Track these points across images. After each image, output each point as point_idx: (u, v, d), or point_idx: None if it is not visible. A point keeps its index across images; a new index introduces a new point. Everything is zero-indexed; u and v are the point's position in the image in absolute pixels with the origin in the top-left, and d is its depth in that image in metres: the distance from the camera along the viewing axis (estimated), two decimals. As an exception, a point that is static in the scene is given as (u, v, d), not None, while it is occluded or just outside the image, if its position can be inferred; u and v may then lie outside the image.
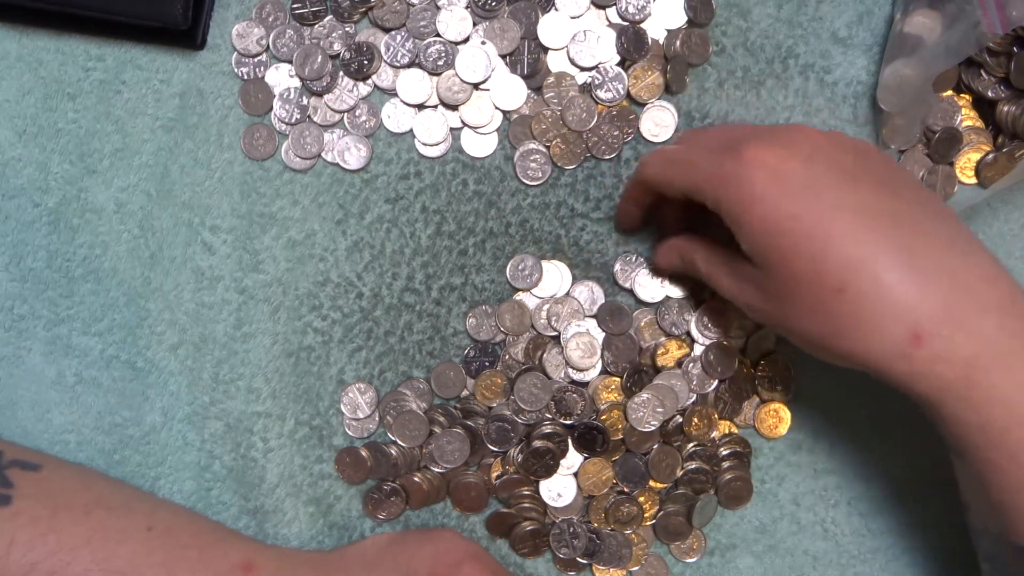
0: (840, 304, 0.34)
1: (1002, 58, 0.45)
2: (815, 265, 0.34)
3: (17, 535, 0.39)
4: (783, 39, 0.48)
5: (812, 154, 0.35)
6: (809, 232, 0.34)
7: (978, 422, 0.34)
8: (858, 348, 0.35)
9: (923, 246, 0.34)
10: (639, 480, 0.46)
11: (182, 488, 0.47)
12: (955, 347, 0.33)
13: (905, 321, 0.33)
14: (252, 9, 0.47)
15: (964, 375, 0.33)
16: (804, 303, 0.35)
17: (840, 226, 0.34)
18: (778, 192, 0.35)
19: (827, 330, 0.35)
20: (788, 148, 0.36)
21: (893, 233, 0.34)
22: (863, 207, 0.34)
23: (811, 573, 0.47)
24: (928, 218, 0.35)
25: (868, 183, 0.35)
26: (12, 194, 0.47)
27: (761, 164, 0.35)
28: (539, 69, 0.47)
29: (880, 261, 0.34)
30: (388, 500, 0.46)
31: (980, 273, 0.34)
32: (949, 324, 0.33)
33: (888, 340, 0.34)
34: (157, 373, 0.47)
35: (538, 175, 0.47)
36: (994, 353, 0.33)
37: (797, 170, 0.35)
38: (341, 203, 0.47)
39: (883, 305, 0.34)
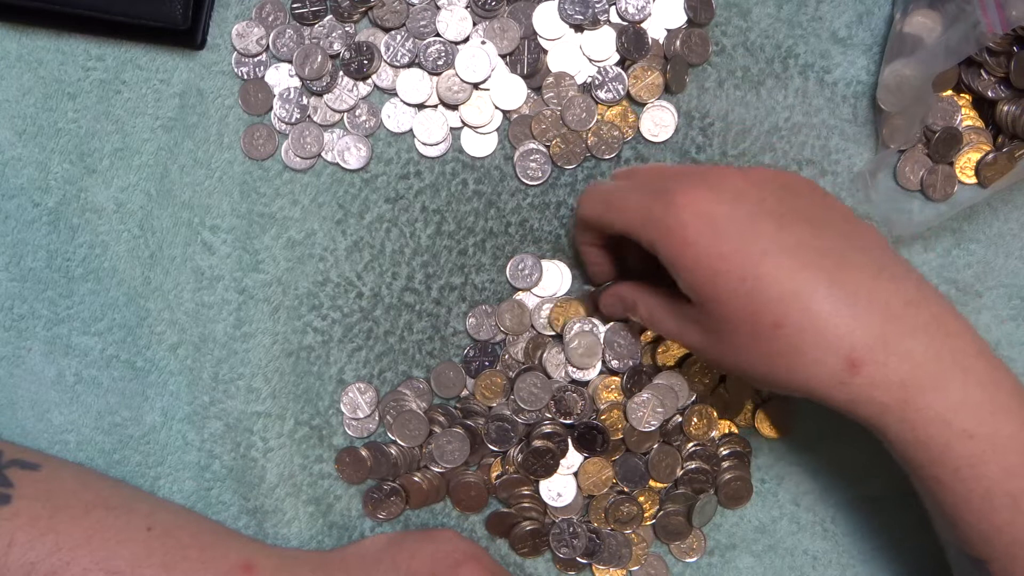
0: (777, 339, 0.35)
1: (1002, 58, 0.45)
2: (750, 303, 0.35)
3: (16, 535, 0.39)
4: (783, 39, 0.48)
5: (739, 196, 0.37)
6: (741, 272, 0.35)
7: (919, 441, 0.35)
8: (798, 379, 0.36)
9: (851, 277, 0.35)
10: (639, 480, 0.46)
11: (182, 488, 0.47)
12: (889, 371, 0.35)
13: (841, 350, 0.35)
14: (252, 9, 0.47)
15: (900, 397, 0.35)
16: (743, 339, 0.36)
17: (770, 264, 0.35)
18: (708, 234, 0.36)
19: (767, 363, 0.36)
20: (715, 191, 0.37)
21: (821, 266, 0.35)
22: (791, 243, 0.36)
23: (811, 573, 0.47)
24: (854, 249, 0.36)
25: (795, 219, 0.36)
26: (12, 194, 0.47)
27: (690, 208, 0.36)
28: (539, 69, 0.47)
29: (812, 295, 0.35)
30: (388, 500, 0.46)
31: (907, 298, 0.36)
32: (882, 350, 0.34)
33: (826, 370, 0.35)
34: (157, 373, 0.47)
35: (538, 175, 0.47)
36: (926, 375, 0.35)
37: (725, 213, 0.36)
38: (341, 203, 0.47)
39: (819, 336, 0.35)
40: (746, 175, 0.38)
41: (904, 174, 0.47)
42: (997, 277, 0.47)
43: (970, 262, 0.47)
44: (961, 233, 0.48)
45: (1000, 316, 0.48)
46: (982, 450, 0.34)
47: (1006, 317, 0.48)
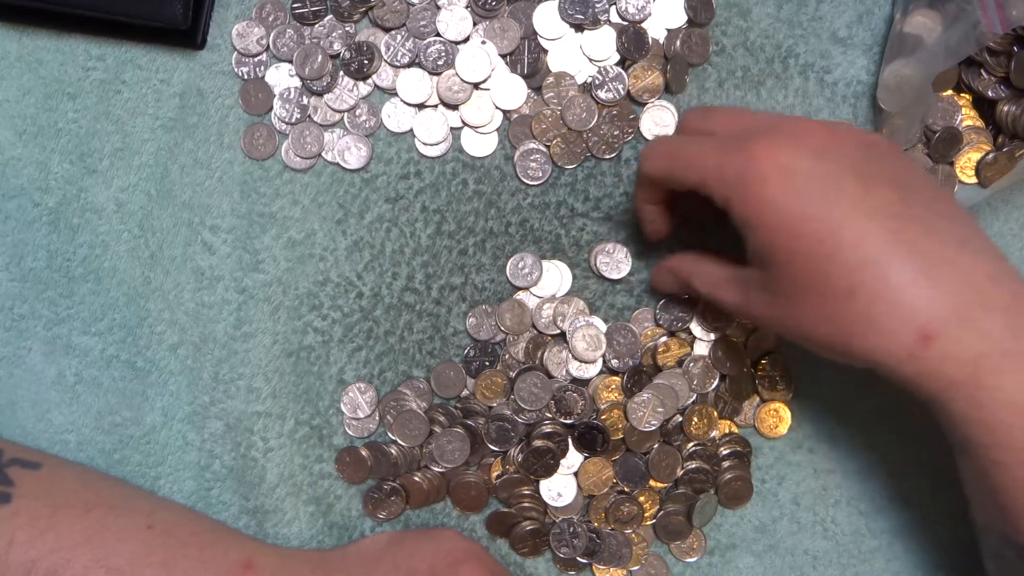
0: (850, 306, 0.34)
1: (1002, 58, 0.45)
2: (825, 267, 0.34)
3: (17, 533, 0.39)
4: (783, 39, 0.48)
5: (822, 152, 0.35)
6: (820, 234, 0.34)
7: (984, 421, 0.34)
8: (868, 349, 0.35)
9: (933, 246, 0.34)
10: (639, 480, 0.46)
11: (182, 488, 0.47)
12: (963, 347, 0.33)
13: (915, 322, 0.33)
14: (252, 9, 0.47)
15: (971, 374, 0.33)
16: (812, 305, 0.35)
17: (851, 228, 0.34)
18: (788, 192, 0.34)
19: (837, 331, 0.35)
20: (798, 146, 0.35)
21: (904, 234, 0.34)
22: (874, 207, 0.34)
23: (811, 573, 0.47)
24: (938, 216, 0.35)
25: (879, 181, 0.35)
26: (12, 194, 0.47)
27: (771, 163, 0.35)
28: (539, 69, 0.47)
29: (891, 263, 0.34)
30: (388, 500, 0.46)
31: (988, 272, 0.34)
32: (957, 325, 0.33)
33: (898, 341, 0.34)
34: (157, 373, 0.47)
35: (538, 175, 0.47)
36: (1001, 353, 0.33)
37: (807, 169, 0.35)
38: (341, 203, 0.47)
39: (893, 307, 0.34)
40: (830, 130, 0.36)
41: (904, 174, 0.47)
42: (997, 277, 0.47)
43: (970, 262, 0.47)
44: (961, 233, 0.48)
45: (1000, 316, 0.47)
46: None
47: (1006, 317, 0.47)
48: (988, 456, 0.34)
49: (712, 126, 0.40)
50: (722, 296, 0.40)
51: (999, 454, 0.34)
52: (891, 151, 0.37)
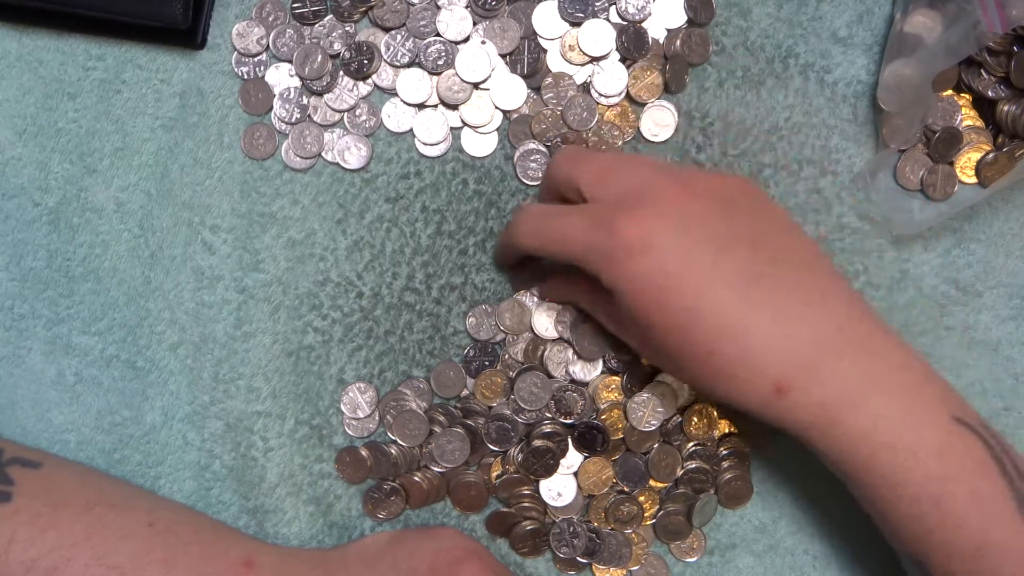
0: (712, 364, 0.37)
1: (1002, 58, 0.45)
2: (686, 333, 0.37)
3: (17, 532, 0.39)
4: (783, 39, 0.48)
5: (680, 222, 0.37)
6: (679, 304, 0.37)
7: (845, 454, 0.37)
8: (731, 397, 0.38)
9: (785, 303, 0.37)
10: (639, 480, 0.46)
11: (182, 487, 0.47)
12: (812, 395, 0.37)
13: (769, 377, 0.37)
14: (252, 9, 0.47)
15: (823, 416, 0.37)
16: (680, 362, 0.38)
17: (708, 297, 0.37)
18: (651, 268, 0.37)
19: (703, 381, 0.38)
20: (659, 220, 0.37)
21: (758, 295, 0.37)
22: (728, 274, 0.37)
23: (811, 573, 0.47)
24: (791, 270, 0.38)
25: (734, 243, 0.37)
26: (12, 194, 0.47)
27: (633, 242, 0.37)
28: (539, 69, 0.47)
29: (745, 325, 0.36)
30: (388, 499, 0.46)
31: (837, 321, 0.37)
32: (807, 376, 0.37)
33: (756, 393, 0.37)
34: (157, 372, 0.47)
35: (538, 175, 0.47)
36: (848, 393, 0.37)
37: (667, 244, 0.37)
38: (341, 203, 0.47)
39: (749, 364, 0.37)
40: (690, 193, 0.38)
41: (904, 174, 0.47)
42: (997, 277, 0.47)
43: (970, 262, 0.47)
44: (961, 233, 0.48)
45: (1000, 316, 0.48)
46: (904, 459, 0.36)
47: (1006, 317, 0.48)
48: (860, 483, 0.38)
49: (577, 184, 0.40)
50: (605, 322, 0.44)
51: (867, 480, 0.38)
52: (750, 199, 0.40)
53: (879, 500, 0.38)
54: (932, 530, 0.37)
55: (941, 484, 0.36)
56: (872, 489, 0.38)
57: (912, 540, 0.38)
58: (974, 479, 0.36)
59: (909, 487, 0.36)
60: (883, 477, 0.37)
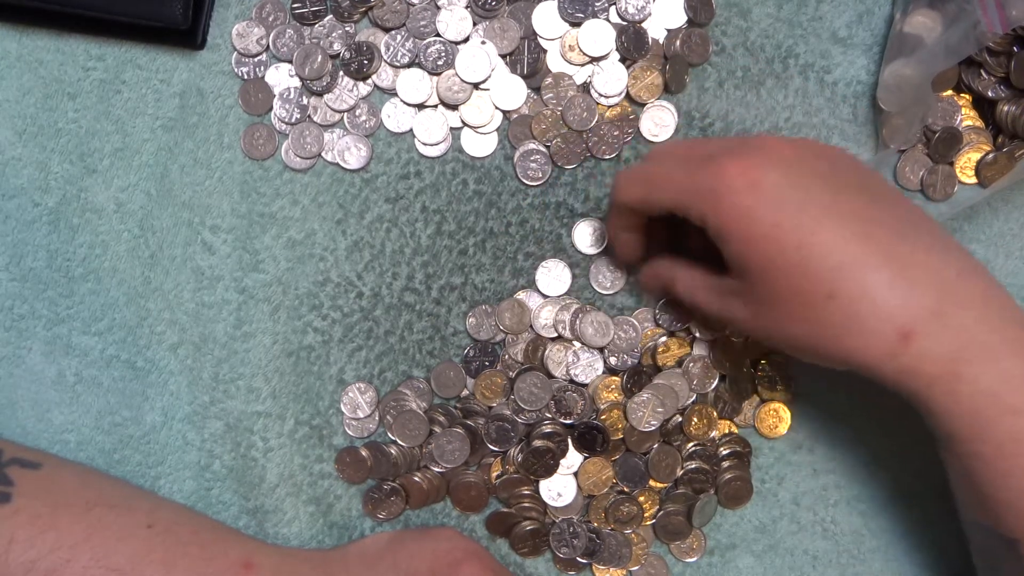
0: (830, 309, 0.35)
1: (1002, 58, 0.45)
2: (802, 273, 0.35)
3: (17, 533, 0.39)
4: (783, 39, 0.48)
5: (789, 162, 0.36)
6: (794, 240, 0.35)
7: (964, 414, 0.35)
8: (850, 350, 0.35)
9: (904, 248, 0.35)
10: (639, 480, 0.46)
11: (182, 488, 0.47)
12: (941, 343, 0.34)
13: (894, 322, 0.34)
14: (252, 9, 0.47)
15: (950, 369, 0.34)
16: (793, 310, 0.36)
17: (824, 233, 0.35)
18: (760, 203, 0.35)
19: (817, 335, 0.36)
20: (766, 159, 0.36)
21: (875, 238, 0.35)
22: (844, 213, 0.35)
23: (811, 573, 0.47)
24: (905, 221, 0.36)
25: (846, 190, 0.36)
26: (12, 194, 0.47)
27: (741, 176, 0.36)
28: (539, 69, 0.47)
29: (866, 265, 0.34)
30: (388, 500, 0.46)
31: (958, 271, 0.35)
32: (934, 322, 0.34)
33: (878, 341, 0.35)
34: (157, 373, 0.47)
35: (538, 175, 0.47)
36: (977, 347, 0.34)
37: (777, 180, 0.35)
38: (341, 203, 0.47)
39: (872, 308, 0.34)
40: (795, 143, 0.37)
41: (904, 174, 0.47)
42: (997, 277, 0.47)
43: (970, 262, 0.47)
44: (961, 233, 0.48)
45: (1000, 316, 0.47)
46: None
47: (1006, 317, 0.47)
48: (969, 449, 0.35)
49: (677, 154, 0.40)
50: (703, 303, 0.41)
51: (979, 446, 0.35)
52: (855, 162, 0.38)
53: (987, 469, 0.35)
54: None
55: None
56: (982, 457, 0.35)
57: (1013, 518, 0.35)
58: None
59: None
60: (1000, 444, 0.34)
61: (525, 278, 0.47)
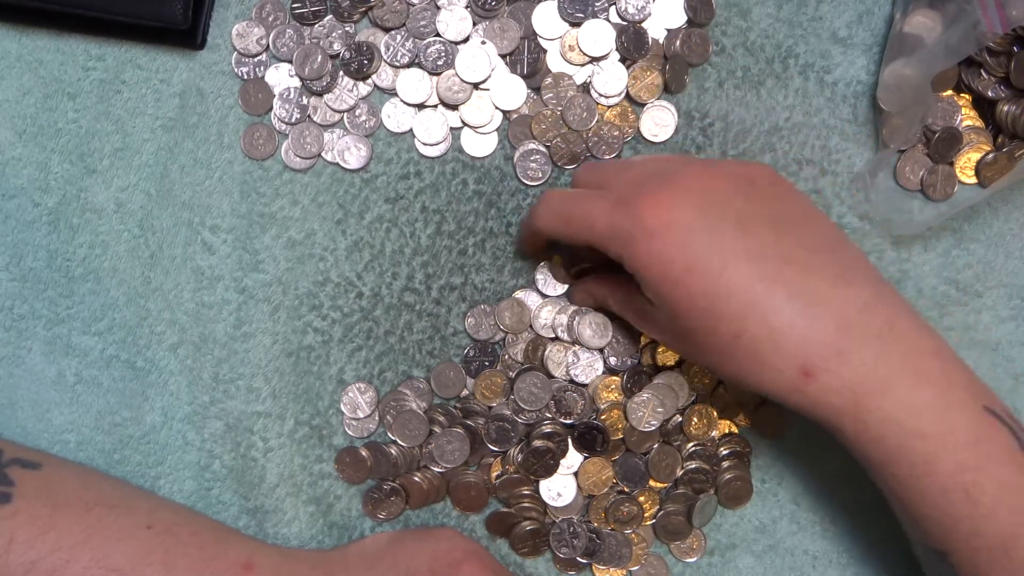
0: (737, 347, 0.36)
1: (1002, 58, 0.45)
2: (710, 316, 0.36)
3: (17, 533, 0.39)
4: (783, 39, 0.48)
5: (702, 202, 0.37)
6: (702, 286, 0.36)
7: (873, 441, 0.36)
8: (758, 384, 0.37)
9: (809, 284, 0.36)
10: (639, 480, 0.46)
11: (182, 488, 0.47)
12: (841, 378, 0.36)
13: (795, 360, 0.36)
14: (252, 9, 0.47)
15: (852, 401, 0.36)
16: (705, 346, 0.38)
17: (732, 276, 0.36)
18: (670, 248, 0.36)
19: (728, 368, 0.38)
20: (680, 199, 0.37)
21: (780, 276, 0.36)
22: (752, 254, 0.36)
23: (811, 573, 0.47)
24: (815, 252, 0.37)
25: (757, 224, 0.37)
26: (12, 194, 0.47)
27: (654, 220, 0.37)
28: (539, 69, 0.47)
29: (771, 307, 0.36)
30: (388, 500, 0.46)
31: (862, 303, 0.37)
32: (835, 359, 0.36)
33: (782, 376, 0.36)
34: (157, 373, 0.47)
35: (538, 175, 0.47)
36: (875, 380, 0.36)
37: (687, 223, 0.36)
38: (341, 203, 0.47)
39: (775, 346, 0.36)
40: (712, 173, 0.38)
41: (904, 174, 0.47)
42: (997, 277, 0.47)
43: (970, 262, 0.47)
44: (961, 233, 0.48)
45: (1000, 316, 0.48)
46: (934, 447, 0.35)
47: (1006, 317, 0.48)
48: (886, 472, 0.37)
49: (602, 180, 0.41)
50: (633, 322, 0.43)
51: (894, 470, 0.37)
52: (773, 189, 0.39)
53: (905, 489, 0.37)
54: (959, 521, 0.36)
55: (971, 474, 0.35)
56: (898, 479, 0.37)
57: (938, 532, 0.37)
58: (1004, 470, 0.36)
59: (938, 476, 0.35)
60: (911, 466, 0.36)
61: (525, 278, 0.47)
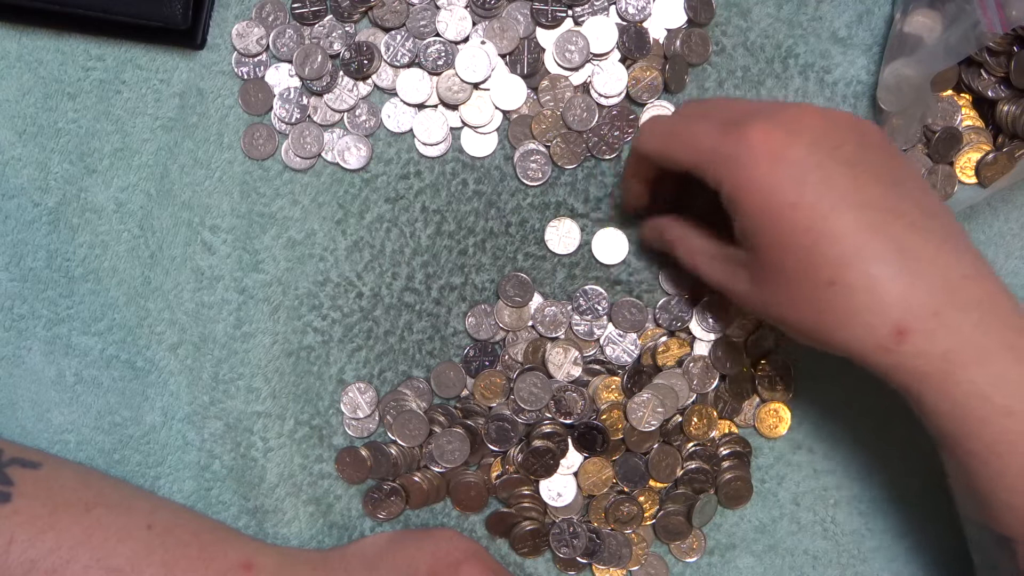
0: (829, 296, 0.35)
1: (1002, 58, 0.45)
2: (809, 256, 0.35)
3: (17, 533, 0.39)
4: (783, 39, 0.48)
5: (816, 140, 0.35)
6: (806, 223, 0.34)
7: (957, 414, 0.35)
8: (843, 338, 0.35)
9: (915, 242, 0.35)
10: (639, 480, 0.46)
11: (182, 488, 0.47)
12: (935, 343, 0.34)
13: (890, 317, 0.34)
14: (252, 9, 0.47)
15: (943, 369, 0.34)
16: (793, 291, 0.36)
17: (836, 219, 0.34)
18: (779, 179, 0.35)
19: (815, 319, 0.36)
20: (793, 133, 0.35)
21: (888, 228, 0.35)
22: (861, 200, 0.35)
23: (811, 573, 0.47)
24: (923, 213, 0.36)
25: (868, 174, 0.35)
26: (12, 194, 0.47)
27: (764, 148, 0.35)
28: (539, 69, 0.47)
29: (872, 257, 0.34)
30: (388, 500, 0.46)
31: (966, 271, 0.35)
32: (931, 321, 0.34)
33: (873, 334, 0.34)
34: (157, 373, 0.47)
35: (538, 175, 0.47)
36: (971, 349, 0.34)
37: (800, 157, 0.35)
38: (341, 203, 0.47)
39: (871, 300, 0.34)
40: (826, 116, 0.36)
41: (904, 174, 0.47)
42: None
43: (970, 262, 0.47)
44: (961, 233, 0.48)
45: (1000, 316, 0.47)
46: (1020, 427, 0.34)
47: (1006, 317, 0.47)
48: (963, 448, 0.35)
49: (708, 108, 0.40)
50: (704, 269, 0.40)
51: (972, 445, 0.35)
52: (885, 145, 0.37)
53: (979, 468, 0.35)
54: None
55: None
56: (975, 456, 0.35)
57: (1006, 516, 0.35)
58: None
59: (1017, 458, 0.34)
60: (993, 444, 0.34)
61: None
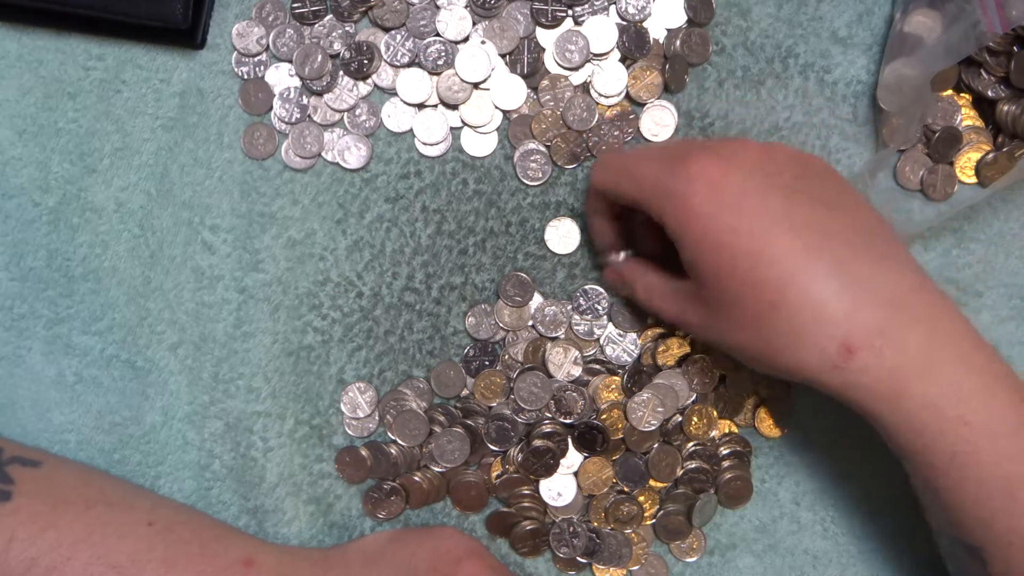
0: (775, 319, 0.35)
1: (1002, 58, 0.45)
2: (750, 279, 0.35)
3: (17, 531, 0.39)
4: (783, 39, 0.48)
5: (753, 168, 0.36)
6: (746, 247, 0.35)
7: (913, 428, 0.35)
8: (793, 361, 0.36)
9: (855, 261, 0.35)
10: (639, 479, 0.46)
11: (182, 487, 0.47)
12: (883, 359, 0.34)
13: (836, 334, 0.34)
14: (252, 8, 0.47)
15: (894, 384, 0.35)
16: (740, 317, 0.36)
17: (775, 242, 0.35)
18: (717, 206, 0.36)
19: (763, 344, 0.36)
20: (730, 162, 0.36)
21: (826, 248, 0.35)
22: (798, 223, 0.35)
23: (811, 573, 0.47)
24: (861, 233, 0.36)
25: (805, 197, 0.36)
26: (12, 193, 0.47)
27: (702, 177, 0.36)
28: (539, 68, 0.47)
29: (812, 276, 0.35)
30: (388, 499, 0.46)
31: (908, 286, 0.36)
32: (878, 337, 0.34)
33: (821, 353, 0.35)
34: (157, 372, 0.47)
35: (538, 175, 0.47)
36: (919, 363, 0.35)
37: (737, 184, 0.36)
38: (341, 202, 0.47)
39: (816, 319, 0.35)
40: (764, 148, 0.37)
41: (904, 174, 0.47)
42: (997, 277, 0.47)
43: (970, 262, 0.47)
44: (961, 233, 0.48)
45: (1000, 316, 0.48)
46: (976, 436, 0.34)
47: (1006, 317, 0.48)
48: (923, 461, 0.36)
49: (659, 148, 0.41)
50: (659, 306, 0.42)
51: (932, 459, 0.35)
52: (826, 173, 0.38)
53: (941, 480, 0.35)
54: (996, 515, 0.35)
55: (1012, 465, 0.34)
56: (935, 468, 0.35)
57: (973, 525, 0.35)
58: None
59: (978, 467, 0.34)
60: (951, 455, 0.34)
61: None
